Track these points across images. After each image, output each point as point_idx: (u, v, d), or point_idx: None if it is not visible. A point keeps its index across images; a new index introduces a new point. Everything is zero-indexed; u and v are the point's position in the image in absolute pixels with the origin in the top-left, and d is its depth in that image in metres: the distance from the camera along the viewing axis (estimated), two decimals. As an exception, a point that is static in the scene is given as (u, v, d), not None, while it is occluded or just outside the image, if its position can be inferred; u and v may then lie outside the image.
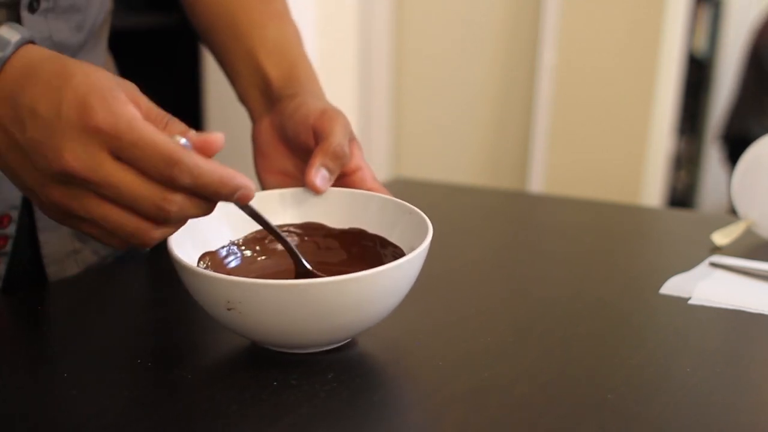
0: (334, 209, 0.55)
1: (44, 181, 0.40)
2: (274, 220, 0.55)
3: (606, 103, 2.09)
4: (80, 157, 0.39)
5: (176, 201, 0.40)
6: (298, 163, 0.59)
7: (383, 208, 0.54)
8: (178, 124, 0.42)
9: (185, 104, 1.91)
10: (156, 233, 0.42)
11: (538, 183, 2.21)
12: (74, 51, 0.58)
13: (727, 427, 0.41)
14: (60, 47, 0.56)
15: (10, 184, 0.57)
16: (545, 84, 2.14)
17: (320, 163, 0.53)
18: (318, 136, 0.54)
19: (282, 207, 0.55)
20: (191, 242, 0.51)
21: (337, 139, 0.53)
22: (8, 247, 0.59)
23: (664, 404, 0.43)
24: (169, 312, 0.57)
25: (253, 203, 0.55)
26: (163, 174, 0.39)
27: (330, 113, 0.54)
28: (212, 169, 0.40)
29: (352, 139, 0.56)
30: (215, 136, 0.41)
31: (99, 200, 0.40)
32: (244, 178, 0.42)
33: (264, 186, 0.60)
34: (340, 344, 0.49)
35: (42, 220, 0.60)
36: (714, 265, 0.67)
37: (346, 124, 0.55)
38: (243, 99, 0.64)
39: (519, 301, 0.60)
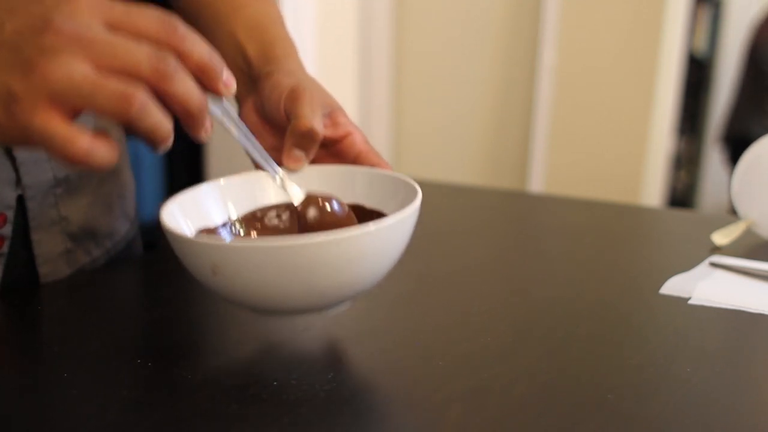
0: (332, 187, 0.55)
1: (27, 64, 0.36)
2: (273, 200, 0.54)
3: (606, 103, 2.10)
4: (71, 21, 0.37)
5: (172, 61, 0.38)
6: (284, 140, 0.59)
7: (378, 181, 0.54)
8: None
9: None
10: (141, 96, 0.37)
11: (538, 183, 2.21)
12: None
13: (727, 427, 0.41)
14: None
15: (4, 183, 0.57)
16: (545, 84, 2.14)
17: (291, 145, 0.53)
18: (288, 117, 0.54)
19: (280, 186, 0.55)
20: (188, 220, 0.50)
21: (303, 119, 0.52)
22: (5, 248, 0.58)
23: (664, 404, 0.43)
24: (168, 312, 0.57)
25: (253, 182, 0.55)
26: (160, 30, 0.38)
27: (297, 91, 0.54)
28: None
29: (334, 109, 0.56)
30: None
31: (86, 63, 0.37)
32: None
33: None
34: (332, 309, 0.48)
35: (35, 219, 0.60)
36: (714, 265, 0.67)
37: (314, 99, 0.54)
38: None
39: (519, 301, 0.60)
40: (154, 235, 0.78)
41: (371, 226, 0.43)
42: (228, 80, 0.41)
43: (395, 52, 2.36)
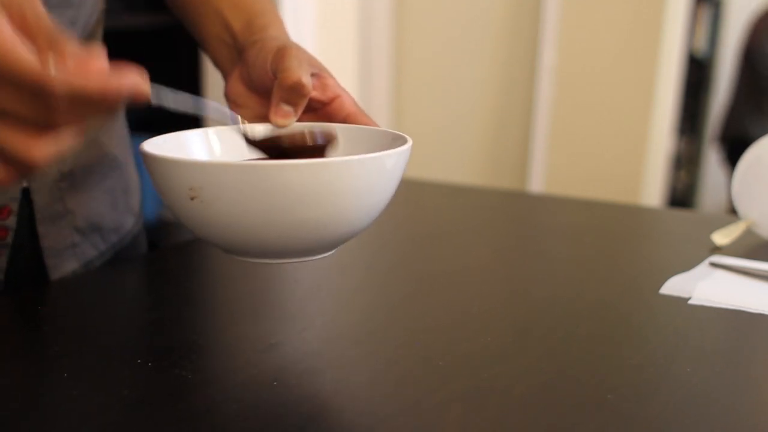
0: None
1: None
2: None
3: (606, 103, 2.10)
4: None
5: (61, 106, 0.35)
6: None
7: (368, 137, 0.53)
8: (67, 44, 0.37)
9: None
10: (41, 144, 0.36)
11: (538, 183, 2.21)
12: None
13: (727, 427, 0.41)
14: None
15: None
16: (545, 84, 2.14)
17: (279, 99, 0.52)
18: (276, 76, 0.53)
19: None
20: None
21: (290, 72, 0.51)
22: (9, 239, 0.59)
23: (664, 404, 0.43)
24: (170, 312, 0.57)
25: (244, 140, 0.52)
26: (38, 85, 0.35)
27: (283, 50, 0.53)
28: (90, 78, 0.35)
29: (320, 71, 0.55)
30: (96, 61, 0.36)
31: None
32: (128, 76, 0.36)
33: None
34: (314, 258, 0.46)
35: (41, 212, 0.60)
36: (714, 265, 0.67)
37: (301, 56, 0.53)
38: (215, 61, 0.64)
39: (519, 301, 0.60)
40: (157, 234, 0.78)
41: (357, 156, 0.41)
42: (132, 88, 0.36)
43: (395, 52, 2.36)
